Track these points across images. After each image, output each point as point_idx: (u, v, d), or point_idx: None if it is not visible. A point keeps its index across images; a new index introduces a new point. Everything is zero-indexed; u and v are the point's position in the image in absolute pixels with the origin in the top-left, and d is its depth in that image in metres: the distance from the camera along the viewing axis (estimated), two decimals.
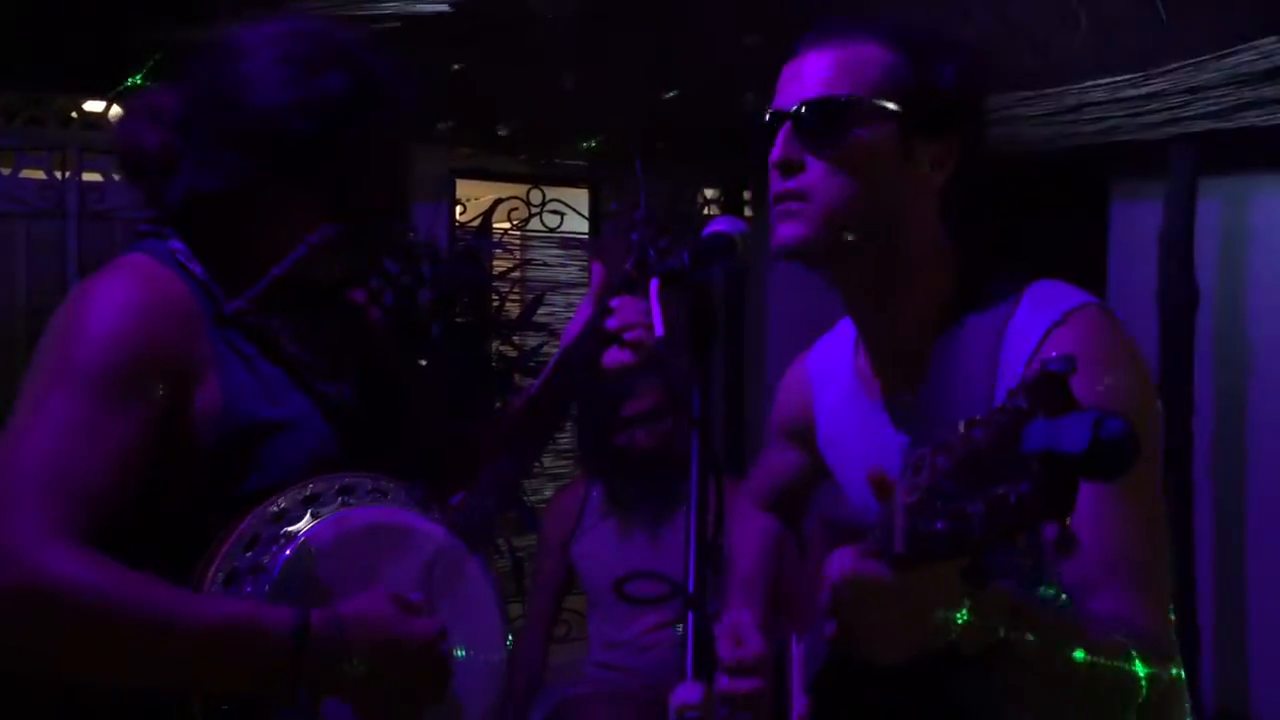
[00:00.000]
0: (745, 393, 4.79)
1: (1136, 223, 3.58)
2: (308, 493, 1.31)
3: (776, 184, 1.26)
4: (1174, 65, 3.08)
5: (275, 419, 1.33)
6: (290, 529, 1.28)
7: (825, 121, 1.24)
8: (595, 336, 1.49)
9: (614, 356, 1.48)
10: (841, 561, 0.95)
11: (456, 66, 3.40)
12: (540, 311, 4.35)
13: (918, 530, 0.85)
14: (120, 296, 1.28)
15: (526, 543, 4.18)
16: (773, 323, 4.99)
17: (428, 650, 1.27)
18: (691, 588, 0.99)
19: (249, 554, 1.25)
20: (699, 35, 3.29)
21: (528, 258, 4.70)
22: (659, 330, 1.09)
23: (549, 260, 4.77)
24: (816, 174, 1.24)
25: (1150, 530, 1.14)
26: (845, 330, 1.48)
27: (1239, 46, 2.91)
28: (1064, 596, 1.12)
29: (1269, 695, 3.40)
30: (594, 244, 4.82)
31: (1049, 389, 0.75)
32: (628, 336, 1.47)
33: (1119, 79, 3.23)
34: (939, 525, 0.82)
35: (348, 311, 1.50)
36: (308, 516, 1.29)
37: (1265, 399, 3.37)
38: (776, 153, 1.26)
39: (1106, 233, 3.79)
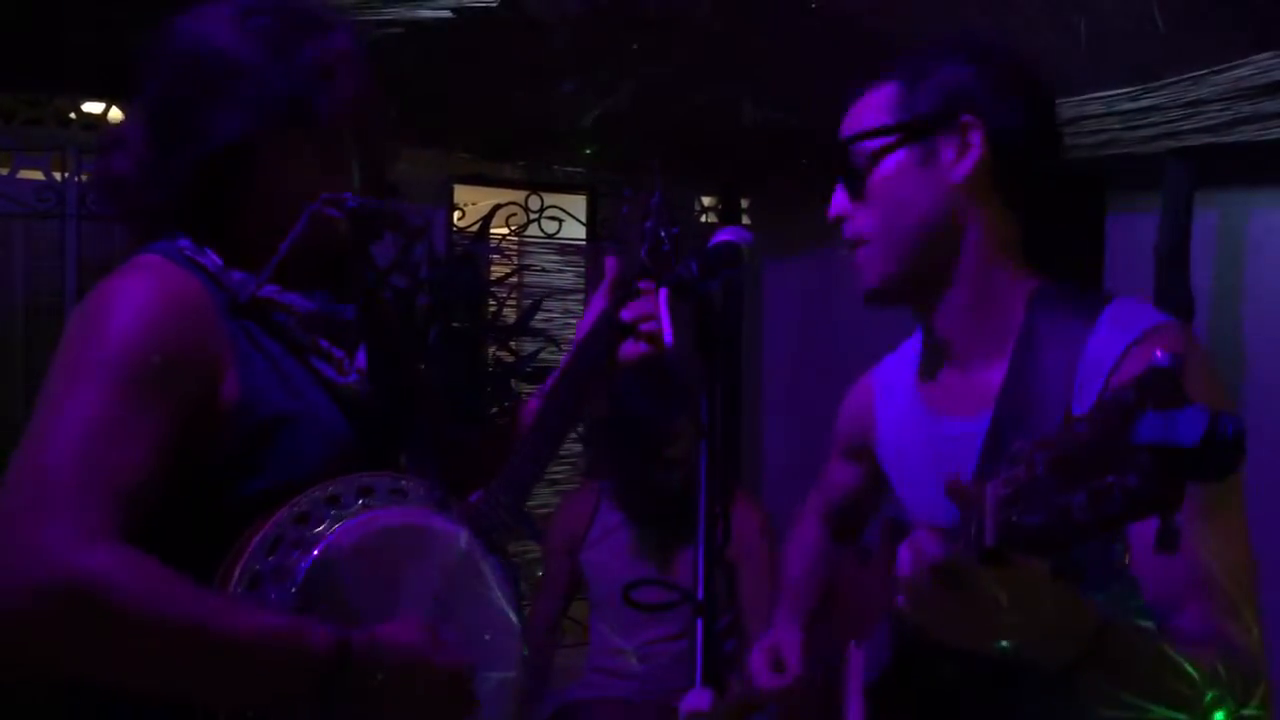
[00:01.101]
0: (741, 399, 4.79)
1: (1133, 235, 3.60)
2: (328, 494, 1.30)
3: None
4: (1171, 79, 3.10)
5: (292, 411, 1.33)
6: (312, 532, 1.27)
7: (845, 170, 1.33)
8: (610, 328, 1.47)
9: (630, 349, 1.46)
10: (924, 554, 0.95)
11: (457, 72, 3.41)
12: (537, 317, 4.35)
13: (1010, 523, 0.85)
14: (138, 295, 1.27)
15: (525, 549, 4.18)
16: (769, 331, 5.00)
17: (456, 683, 1.28)
18: (701, 596, 0.99)
19: (271, 558, 1.25)
20: (698, 43, 3.30)
21: (525, 264, 4.70)
22: (669, 339, 1.10)
23: (547, 266, 4.77)
24: (860, 217, 1.33)
25: (1241, 548, 1.14)
26: (912, 346, 1.51)
27: (1236, 61, 2.93)
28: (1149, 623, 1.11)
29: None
30: (592, 250, 4.83)
31: (1160, 383, 0.74)
32: (643, 328, 1.46)
33: (1116, 92, 3.25)
34: (1032, 518, 0.82)
35: (362, 297, 1.49)
36: (329, 519, 1.29)
37: (1260, 409, 3.38)
38: (832, 210, 1.35)
39: (1103, 244, 3.81)
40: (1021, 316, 1.29)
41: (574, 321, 4.73)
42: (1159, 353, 0.76)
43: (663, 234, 1.48)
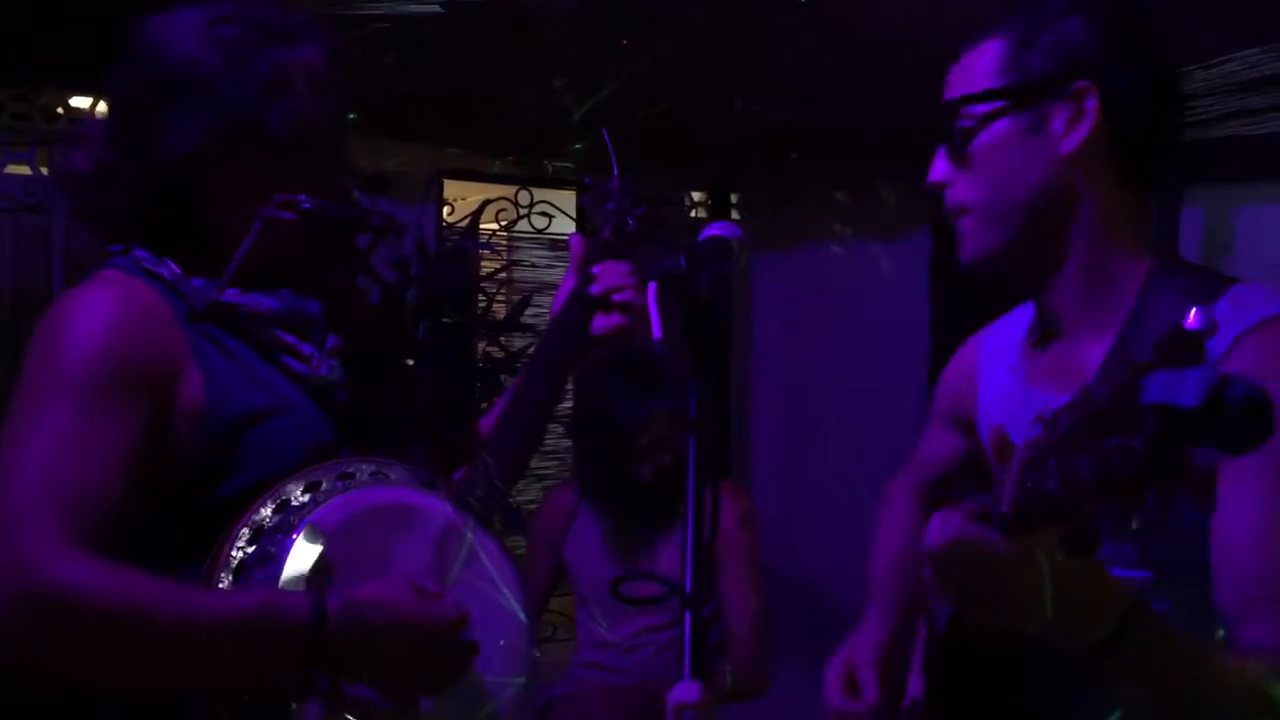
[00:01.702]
0: (730, 392, 4.80)
1: None
2: (309, 480, 1.32)
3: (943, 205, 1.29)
4: None
5: (263, 407, 1.34)
6: (293, 517, 1.28)
7: (946, 133, 1.26)
8: (581, 305, 1.48)
9: (602, 322, 1.47)
10: (947, 526, 0.92)
11: (446, 67, 3.40)
12: (528, 312, 4.35)
13: (1026, 489, 0.81)
14: (95, 309, 1.30)
15: (511, 543, 4.18)
16: (758, 326, 5.00)
17: (448, 632, 1.28)
18: (689, 588, 0.99)
19: (255, 546, 1.26)
20: (689, 38, 3.30)
21: (515, 259, 4.70)
22: (657, 333, 1.10)
23: (537, 261, 4.77)
24: (961, 186, 1.26)
25: None
26: (1024, 312, 1.43)
27: (1225, 56, 2.94)
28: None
29: None
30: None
31: (1177, 344, 0.71)
32: (615, 299, 1.47)
33: None
34: (1048, 484, 0.78)
35: (332, 293, 1.49)
36: (310, 504, 1.29)
37: None
38: (931, 175, 1.28)
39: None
40: (1134, 296, 1.22)
41: None
42: (1193, 312, 0.72)
43: (626, 217, 1.50)
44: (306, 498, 1.30)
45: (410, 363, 3.58)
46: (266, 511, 1.28)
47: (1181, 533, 1.09)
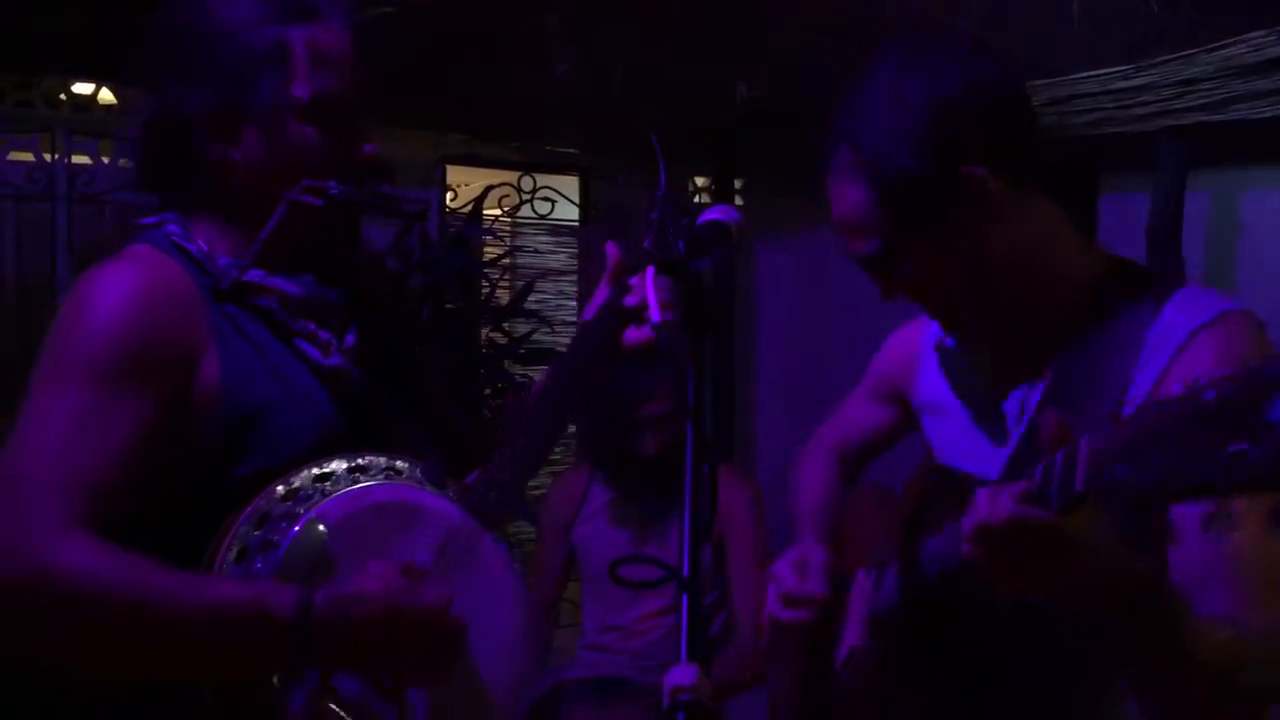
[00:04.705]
0: (735, 380, 4.80)
1: (1126, 215, 3.60)
2: (319, 471, 1.32)
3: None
4: (1165, 58, 3.09)
5: (277, 397, 1.34)
6: (300, 507, 1.28)
7: (883, 274, 1.29)
8: (614, 315, 1.47)
9: (634, 335, 1.46)
10: (1000, 504, 0.98)
11: (449, 52, 3.40)
12: (530, 299, 4.35)
13: (1101, 478, 0.89)
14: (118, 287, 1.30)
15: (518, 530, 4.19)
16: (762, 311, 5.00)
17: (435, 619, 1.26)
18: (686, 572, 1.00)
19: (258, 531, 1.26)
20: (693, 22, 3.29)
21: (518, 245, 4.69)
22: (655, 317, 1.10)
23: (539, 247, 4.76)
24: (912, 289, 1.30)
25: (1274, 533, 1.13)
26: None
27: (1230, 39, 2.92)
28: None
29: None
30: (585, 231, 4.82)
31: None
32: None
33: (1110, 71, 3.24)
34: (1126, 474, 0.86)
35: (352, 280, 1.50)
36: (318, 494, 1.29)
37: None
38: (882, 295, 1.32)
39: (1095, 225, 3.80)
40: (1085, 292, 1.27)
41: (567, 303, 4.73)
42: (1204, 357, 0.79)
43: (669, 227, 1.48)
44: (316, 487, 1.30)
45: (417, 350, 3.59)
46: (275, 498, 1.28)
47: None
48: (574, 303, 4.72)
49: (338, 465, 1.33)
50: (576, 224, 4.86)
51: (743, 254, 4.59)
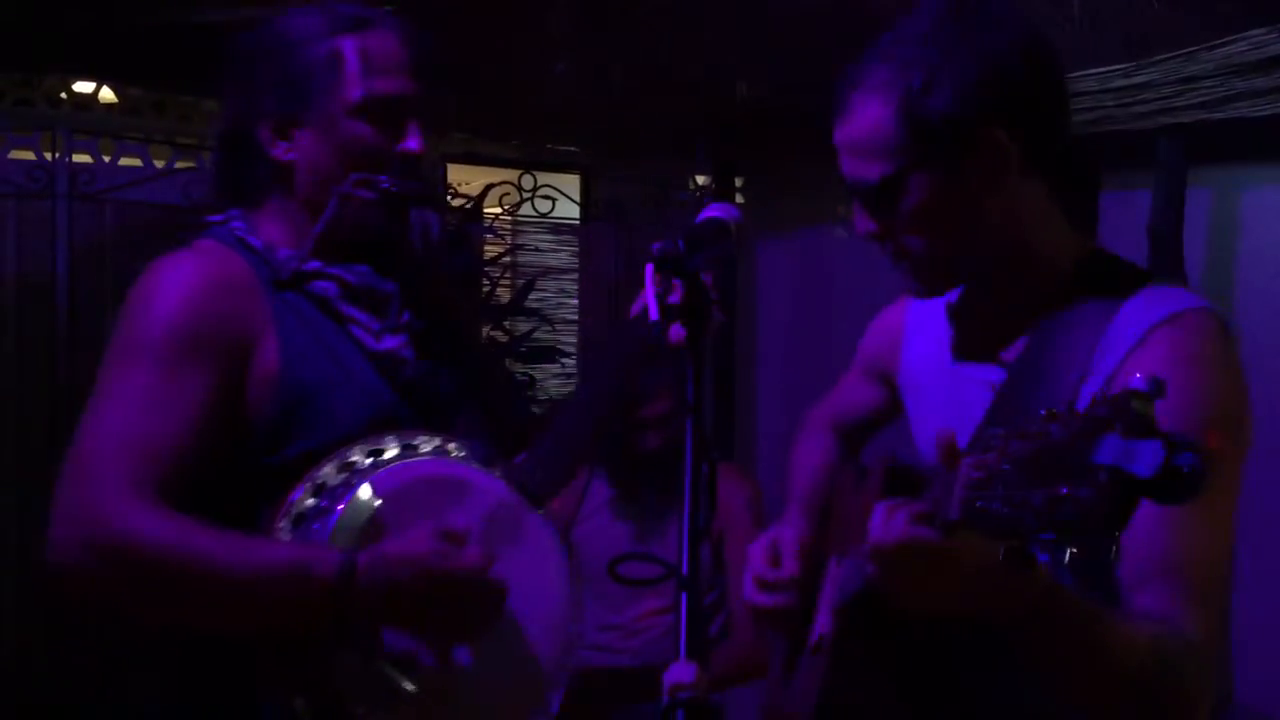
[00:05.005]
0: (735, 377, 4.80)
1: (1126, 213, 3.60)
2: (373, 447, 1.41)
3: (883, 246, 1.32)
4: (1165, 55, 3.09)
5: (332, 378, 1.44)
6: (354, 478, 1.37)
7: (874, 204, 1.26)
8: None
9: (679, 331, 1.49)
10: (893, 525, 0.99)
11: (450, 50, 3.39)
12: (531, 297, 4.35)
13: (974, 506, 0.88)
14: (182, 276, 1.43)
15: None
16: (762, 311, 5.00)
17: (474, 576, 1.34)
18: (685, 569, 1.00)
19: (315, 500, 1.36)
20: (694, 19, 3.29)
21: (519, 243, 4.69)
22: (654, 315, 1.10)
23: (540, 246, 4.76)
24: (900, 238, 1.28)
25: (1210, 535, 1.14)
26: None
27: (1231, 37, 2.92)
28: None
29: (1253, 681, 3.44)
30: (584, 230, 4.82)
31: (1131, 408, 0.76)
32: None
33: (1110, 68, 3.24)
34: (995, 506, 0.85)
35: (407, 271, 1.59)
36: (371, 468, 1.38)
37: (1254, 387, 3.39)
38: (859, 227, 1.30)
39: (1095, 223, 3.80)
40: (1061, 281, 1.28)
41: (568, 301, 4.73)
42: (1138, 376, 0.77)
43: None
44: (369, 461, 1.39)
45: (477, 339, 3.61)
46: (331, 469, 1.38)
47: (1111, 570, 1.15)
48: (575, 301, 4.72)
49: (390, 443, 1.42)
50: (577, 222, 4.86)
51: (743, 253, 4.58)
